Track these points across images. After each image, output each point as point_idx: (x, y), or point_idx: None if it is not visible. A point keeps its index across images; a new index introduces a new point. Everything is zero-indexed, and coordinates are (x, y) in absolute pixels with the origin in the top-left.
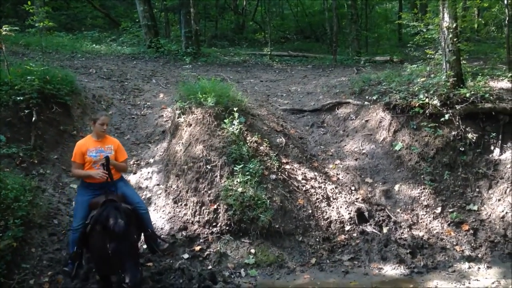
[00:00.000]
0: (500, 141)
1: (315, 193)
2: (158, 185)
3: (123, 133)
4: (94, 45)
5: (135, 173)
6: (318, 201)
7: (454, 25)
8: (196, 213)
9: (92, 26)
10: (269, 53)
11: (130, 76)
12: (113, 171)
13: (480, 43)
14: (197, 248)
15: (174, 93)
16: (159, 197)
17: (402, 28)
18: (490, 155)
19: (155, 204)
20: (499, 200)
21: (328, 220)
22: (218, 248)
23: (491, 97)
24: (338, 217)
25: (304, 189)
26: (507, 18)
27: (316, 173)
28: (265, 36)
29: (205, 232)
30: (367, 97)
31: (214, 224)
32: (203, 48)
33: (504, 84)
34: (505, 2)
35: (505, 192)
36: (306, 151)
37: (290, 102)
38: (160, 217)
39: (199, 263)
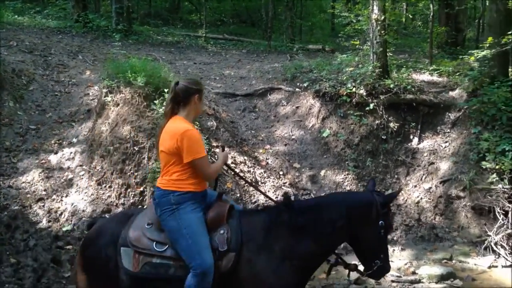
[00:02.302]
0: (419, 131)
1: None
2: (81, 166)
3: (44, 110)
4: (16, 16)
5: (56, 153)
6: (246, 185)
7: (383, 17)
8: (121, 195)
9: None
10: (204, 35)
11: (55, 51)
12: None
13: (406, 37)
14: None
15: (101, 70)
16: (82, 178)
17: (335, 18)
18: (409, 144)
19: (77, 185)
20: (415, 186)
21: (256, 203)
22: None
23: (413, 89)
24: (266, 201)
25: (233, 173)
26: (431, 14)
27: (245, 157)
28: (200, 18)
29: None
30: (298, 84)
31: (139, 206)
32: (135, 26)
33: (425, 76)
34: None
35: (421, 179)
36: (237, 135)
37: (223, 85)
38: (82, 199)
39: None
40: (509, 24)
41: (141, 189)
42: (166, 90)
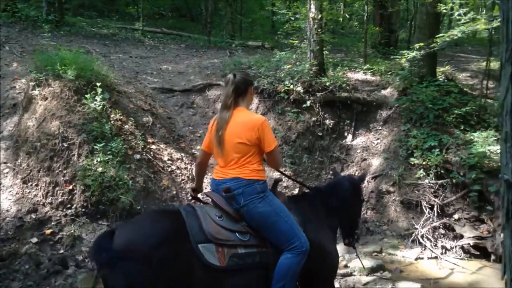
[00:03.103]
0: (353, 128)
1: (180, 174)
2: (5, 163)
3: None
4: None
5: None
6: (183, 182)
7: (320, 16)
8: (49, 194)
9: None
10: (141, 28)
11: None
12: None
13: (343, 36)
14: (48, 231)
15: (29, 63)
16: (6, 176)
17: (275, 16)
18: (344, 141)
19: (1, 184)
20: None
21: (193, 201)
22: (72, 231)
23: (348, 87)
24: (203, 198)
25: (169, 170)
26: (366, 15)
27: (182, 154)
28: (137, 10)
29: (58, 215)
30: None
31: (68, 206)
32: (68, 17)
33: (359, 75)
34: None
35: (355, 175)
36: (174, 132)
37: (160, 80)
38: (6, 198)
39: (50, 247)
40: (438, 26)
41: (70, 187)
42: (98, 84)
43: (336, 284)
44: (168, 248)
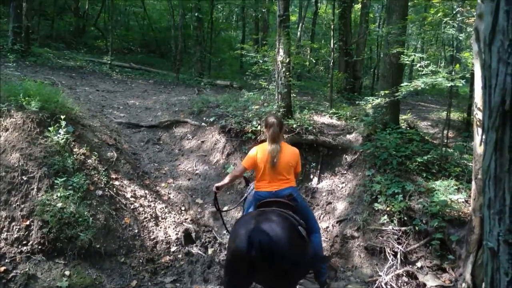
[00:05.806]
0: (318, 171)
1: (143, 212)
2: None
3: None
4: None
5: None
6: (146, 221)
7: (287, 60)
8: (4, 229)
9: None
10: (109, 62)
11: None
12: None
13: (310, 80)
14: (1, 269)
15: None
16: None
17: (243, 57)
18: (310, 183)
19: None
20: None
21: (155, 240)
22: (27, 269)
23: (314, 130)
24: (165, 237)
25: (132, 207)
26: (332, 61)
27: (146, 191)
28: (106, 44)
29: (13, 251)
30: (204, 118)
31: (24, 242)
32: (34, 47)
33: (325, 119)
34: (331, 46)
35: (320, 218)
36: (138, 168)
37: (127, 115)
38: None
39: (2, 286)
40: (400, 75)
41: (28, 222)
42: (62, 117)
43: None
44: (293, 235)
